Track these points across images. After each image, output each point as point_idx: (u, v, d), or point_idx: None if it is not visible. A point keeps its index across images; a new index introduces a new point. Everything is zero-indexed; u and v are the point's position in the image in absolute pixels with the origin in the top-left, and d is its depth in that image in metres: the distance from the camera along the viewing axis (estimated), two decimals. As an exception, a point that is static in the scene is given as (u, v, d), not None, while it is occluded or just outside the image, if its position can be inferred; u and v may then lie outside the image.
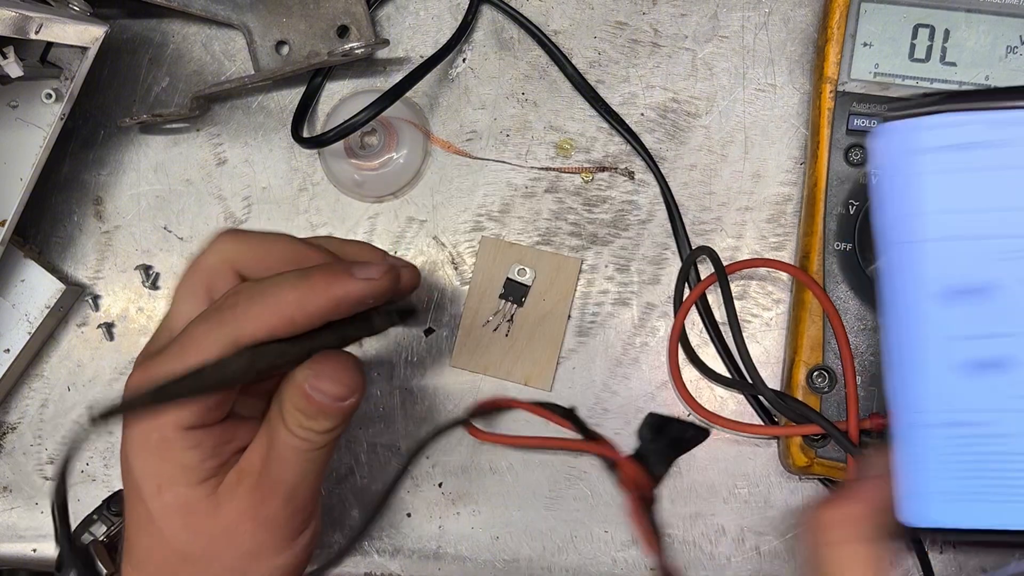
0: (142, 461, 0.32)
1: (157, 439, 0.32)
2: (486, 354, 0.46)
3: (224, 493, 0.33)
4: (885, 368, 0.26)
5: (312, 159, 0.48)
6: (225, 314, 0.31)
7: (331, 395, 0.32)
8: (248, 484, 0.33)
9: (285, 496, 0.33)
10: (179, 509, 0.32)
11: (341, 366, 0.33)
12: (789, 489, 0.45)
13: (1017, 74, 0.41)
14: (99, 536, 0.38)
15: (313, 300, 0.31)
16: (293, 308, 0.31)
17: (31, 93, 0.43)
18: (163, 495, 0.32)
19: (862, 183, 0.42)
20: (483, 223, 0.47)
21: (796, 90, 0.46)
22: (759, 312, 0.45)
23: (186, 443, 0.32)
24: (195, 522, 0.33)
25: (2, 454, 0.48)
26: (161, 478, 0.32)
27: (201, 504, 0.32)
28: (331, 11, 0.46)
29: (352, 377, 0.33)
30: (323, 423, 0.33)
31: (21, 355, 0.47)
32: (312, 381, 0.32)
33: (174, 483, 0.32)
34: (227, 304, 0.31)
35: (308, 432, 0.33)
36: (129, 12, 0.49)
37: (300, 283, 0.31)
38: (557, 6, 0.48)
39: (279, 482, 0.33)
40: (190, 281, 0.34)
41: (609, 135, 0.47)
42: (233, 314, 0.31)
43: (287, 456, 0.33)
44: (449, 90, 0.48)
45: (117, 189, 0.49)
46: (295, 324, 0.31)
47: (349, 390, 0.32)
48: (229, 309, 0.31)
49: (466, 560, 0.46)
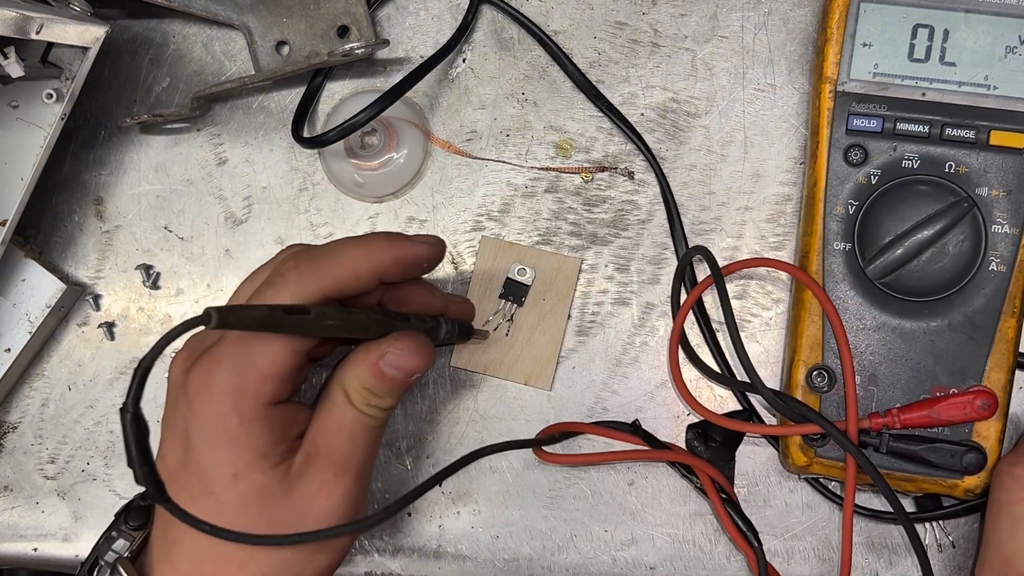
0: (216, 450, 0.32)
1: (236, 423, 0.32)
2: (486, 354, 0.46)
3: (296, 476, 0.33)
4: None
5: (312, 159, 0.48)
6: (289, 275, 0.32)
7: (407, 370, 0.34)
8: (318, 464, 0.34)
9: (356, 473, 0.35)
10: (255, 496, 0.33)
11: (419, 341, 0.35)
12: (788, 489, 0.45)
13: (1016, 74, 0.41)
14: (123, 553, 0.38)
15: (376, 255, 0.34)
16: (358, 262, 0.33)
17: (32, 93, 0.43)
18: (238, 484, 0.32)
19: (861, 183, 0.42)
20: (483, 223, 0.47)
21: (795, 90, 0.46)
22: (758, 312, 0.45)
23: (263, 424, 0.32)
24: (270, 508, 0.33)
25: (3, 453, 0.49)
26: (237, 466, 0.32)
27: (276, 489, 0.33)
28: (331, 11, 0.46)
29: (429, 351, 0.35)
30: (388, 400, 0.35)
31: (22, 354, 0.47)
32: (390, 356, 0.34)
33: (251, 470, 0.32)
34: (287, 267, 0.33)
35: (374, 409, 0.35)
36: (130, 12, 0.49)
37: (361, 242, 0.34)
38: (557, 6, 0.48)
39: (350, 460, 0.34)
40: (255, 282, 0.35)
41: (609, 135, 0.47)
42: (298, 273, 0.32)
43: (356, 433, 0.34)
44: (449, 90, 0.48)
45: (118, 189, 0.49)
46: (360, 278, 0.33)
47: (426, 363, 0.35)
48: (292, 271, 0.32)
49: (466, 559, 0.46)
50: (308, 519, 0.34)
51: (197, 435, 0.32)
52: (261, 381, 0.32)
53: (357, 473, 0.35)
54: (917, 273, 0.41)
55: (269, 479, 0.33)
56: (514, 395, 0.46)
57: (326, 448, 0.34)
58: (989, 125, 0.41)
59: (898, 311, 0.41)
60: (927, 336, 0.41)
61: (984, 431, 0.41)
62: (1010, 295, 0.41)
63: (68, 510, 0.48)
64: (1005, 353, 0.41)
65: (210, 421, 0.32)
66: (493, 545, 0.46)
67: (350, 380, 0.34)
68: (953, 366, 0.41)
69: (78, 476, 0.48)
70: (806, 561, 0.45)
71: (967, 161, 0.41)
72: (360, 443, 0.35)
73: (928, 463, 0.40)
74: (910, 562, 0.44)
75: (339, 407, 0.34)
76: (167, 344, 0.27)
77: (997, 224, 0.41)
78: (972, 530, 0.44)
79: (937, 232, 0.40)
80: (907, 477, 0.41)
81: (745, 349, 0.40)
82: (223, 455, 0.32)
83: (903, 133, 0.41)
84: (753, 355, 0.45)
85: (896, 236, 0.41)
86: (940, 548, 0.44)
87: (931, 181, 0.41)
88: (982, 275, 0.41)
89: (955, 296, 0.41)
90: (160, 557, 0.36)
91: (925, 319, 0.41)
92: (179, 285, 0.48)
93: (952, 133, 0.41)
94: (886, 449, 0.40)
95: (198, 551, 0.34)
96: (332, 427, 0.34)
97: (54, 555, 0.48)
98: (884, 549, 0.44)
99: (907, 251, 0.40)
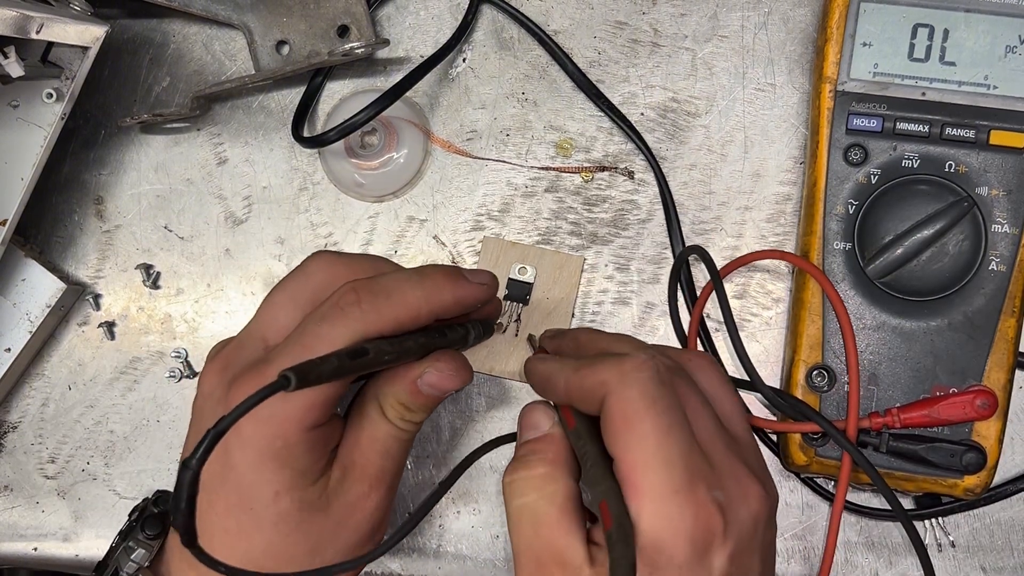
0: (259, 469, 0.33)
1: (281, 446, 0.32)
2: (491, 355, 0.46)
3: (333, 491, 0.34)
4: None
5: (312, 159, 0.48)
6: (349, 311, 0.32)
7: (445, 389, 0.35)
8: (354, 477, 0.35)
9: (388, 483, 0.36)
10: (296, 513, 0.33)
11: (458, 363, 0.36)
12: (788, 489, 0.45)
13: (1016, 74, 0.41)
14: (143, 563, 0.38)
15: (437, 297, 0.34)
16: (420, 304, 0.33)
17: (32, 93, 0.43)
18: (280, 501, 0.33)
19: (861, 183, 0.42)
20: (483, 223, 0.47)
21: (796, 90, 0.46)
22: (758, 311, 0.45)
23: (306, 445, 0.33)
24: (307, 523, 0.34)
25: (3, 453, 0.49)
26: (279, 484, 0.33)
27: (315, 504, 0.34)
28: (331, 11, 0.46)
29: (466, 372, 0.36)
30: (421, 414, 0.36)
31: (22, 354, 0.47)
32: (428, 376, 0.35)
33: (293, 488, 0.33)
34: (346, 302, 0.33)
35: (408, 423, 0.36)
36: (130, 12, 0.49)
37: (423, 281, 0.34)
38: (557, 6, 0.48)
39: (383, 472, 0.35)
40: (292, 293, 0.36)
41: (609, 135, 0.47)
42: (359, 310, 0.32)
43: (390, 447, 0.35)
44: (449, 90, 0.48)
45: (118, 189, 0.49)
46: (419, 319, 0.34)
47: (463, 383, 0.36)
48: (352, 306, 0.33)
49: (466, 559, 0.46)
50: (342, 532, 0.35)
51: (240, 454, 0.33)
52: (307, 409, 0.32)
53: (389, 483, 0.36)
54: (917, 273, 0.41)
55: (309, 496, 0.33)
56: (515, 393, 0.46)
57: (361, 461, 0.35)
58: (989, 125, 0.41)
59: (898, 311, 0.41)
60: (927, 336, 0.41)
61: (984, 431, 0.41)
62: (1010, 295, 0.41)
63: (68, 510, 0.48)
64: (1005, 353, 0.41)
65: (255, 442, 0.32)
66: (493, 545, 0.46)
67: (386, 396, 0.35)
68: (953, 366, 0.41)
69: (78, 476, 0.48)
70: (806, 561, 0.45)
71: (967, 161, 0.41)
72: (393, 456, 0.36)
73: (928, 463, 0.41)
74: (910, 562, 0.44)
75: (374, 421, 0.35)
76: (248, 410, 0.26)
77: (997, 224, 0.41)
78: (972, 530, 0.44)
79: (937, 232, 0.40)
80: (907, 476, 0.41)
81: (744, 348, 0.40)
82: (268, 474, 0.33)
83: (903, 133, 0.41)
84: (753, 355, 0.45)
85: (896, 236, 0.41)
86: (940, 548, 0.44)
87: (931, 181, 0.41)
88: (982, 275, 0.41)
89: (955, 296, 0.41)
90: (183, 567, 0.36)
91: (925, 319, 0.41)
92: (179, 285, 0.48)
93: (952, 133, 0.41)
94: (886, 449, 0.40)
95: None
96: (366, 441, 0.35)
97: (54, 555, 0.48)
98: (884, 549, 0.44)
99: (907, 251, 0.40)
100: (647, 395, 0.30)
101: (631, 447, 0.30)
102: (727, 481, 0.31)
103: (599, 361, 0.32)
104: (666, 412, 0.30)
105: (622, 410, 0.30)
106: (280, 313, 0.35)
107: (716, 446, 0.32)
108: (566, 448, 0.34)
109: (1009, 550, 0.44)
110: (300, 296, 0.35)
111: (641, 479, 0.29)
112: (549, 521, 0.32)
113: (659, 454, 0.29)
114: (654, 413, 0.30)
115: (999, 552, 0.44)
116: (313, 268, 0.36)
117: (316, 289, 0.35)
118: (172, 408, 0.48)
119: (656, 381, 0.31)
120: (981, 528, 0.44)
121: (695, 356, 0.37)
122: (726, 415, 0.35)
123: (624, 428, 0.30)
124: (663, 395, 0.31)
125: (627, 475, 0.30)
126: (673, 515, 0.29)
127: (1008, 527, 0.44)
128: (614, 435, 0.30)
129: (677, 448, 0.30)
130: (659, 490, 0.29)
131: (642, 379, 0.31)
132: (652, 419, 0.30)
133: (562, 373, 0.34)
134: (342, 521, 0.34)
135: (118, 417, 0.48)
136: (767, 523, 0.32)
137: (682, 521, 0.29)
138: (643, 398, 0.30)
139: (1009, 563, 0.44)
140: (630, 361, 0.31)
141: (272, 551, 0.34)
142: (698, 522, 0.29)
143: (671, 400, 0.31)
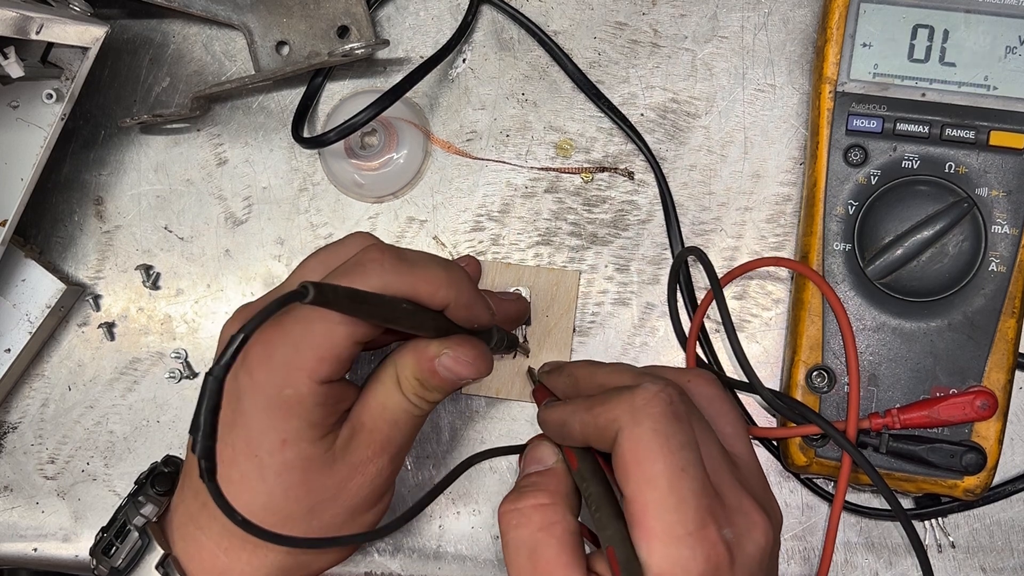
0: (267, 416, 0.33)
1: (291, 394, 0.33)
2: (495, 377, 0.46)
3: (339, 449, 0.34)
4: None
5: (312, 159, 0.48)
6: (371, 267, 0.33)
7: (461, 375, 0.35)
8: (360, 439, 0.35)
9: (392, 454, 0.36)
10: (300, 465, 0.33)
11: (479, 352, 0.35)
12: (788, 489, 0.45)
13: (1016, 74, 0.41)
14: (151, 517, 0.38)
15: (458, 284, 0.34)
16: (440, 282, 0.34)
17: (32, 93, 0.43)
18: (285, 451, 0.33)
19: (861, 183, 0.42)
20: (483, 223, 0.47)
21: (795, 90, 0.46)
22: (758, 312, 0.45)
23: (316, 399, 0.33)
24: (311, 478, 0.34)
25: (3, 453, 0.49)
26: (287, 433, 0.33)
27: (320, 459, 0.34)
28: (331, 11, 0.46)
29: (485, 364, 0.36)
30: (435, 395, 0.36)
31: (22, 355, 0.47)
32: (446, 359, 0.34)
33: (299, 439, 0.33)
34: (368, 258, 0.33)
35: (420, 400, 0.36)
36: (130, 12, 0.49)
37: (449, 266, 0.35)
38: (557, 6, 0.48)
39: (389, 441, 0.35)
40: (323, 258, 0.36)
41: (609, 135, 0.47)
42: (381, 268, 0.33)
43: (400, 418, 0.35)
44: (449, 90, 0.48)
45: (118, 189, 0.49)
46: (435, 297, 0.34)
47: (480, 374, 0.35)
48: (374, 263, 0.33)
49: (466, 559, 0.46)
50: (343, 493, 0.35)
51: (251, 399, 0.33)
52: (318, 361, 0.32)
53: (393, 455, 0.36)
54: (917, 273, 0.41)
55: (316, 449, 0.34)
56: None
57: (370, 424, 0.35)
58: (989, 125, 0.41)
59: (898, 311, 0.41)
60: (927, 336, 0.41)
61: (984, 431, 0.41)
62: (1010, 295, 0.41)
63: (68, 510, 0.48)
64: (1005, 353, 0.41)
65: (266, 388, 0.33)
66: (493, 545, 0.46)
67: (403, 367, 0.35)
68: (953, 366, 0.41)
69: (78, 476, 0.48)
70: (806, 561, 0.45)
71: (967, 161, 0.41)
72: (401, 428, 0.36)
73: (928, 463, 0.41)
74: (910, 562, 0.44)
75: (387, 389, 0.35)
76: (269, 317, 0.26)
77: (997, 224, 0.41)
78: (972, 530, 0.44)
79: (937, 232, 0.40)
80: (907, 477, 0.41)
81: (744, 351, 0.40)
82: (276, 421, 0.33)
83: (903, 133, 0.41)
84: (753, 355, 0.45)
85: (896, 236, 0.41)
86: (940, 548, 0.44)
87: (931, 181, 0.41)
88: (982, 275, 0.41)
89: (955, 296, 0.41)
90: (185, 520, 0.37)
91: (925, 319, 0.41)
92: (179, 285, 0.48)
93: (952, 133, 0.41)
94: (886, 449, 0.40)
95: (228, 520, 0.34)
96: (377, 406, 0.35)
97: (54, 555, 0.48)
98: (884, 549, 0.44)
99: (907, 251, 0.40)
100: (659, 432, 0.30)
101: (643, 488, 0.29)
102: (735, 516, 0.31)
103: (610, 398, 0.32)
104: (679, 451, 0.30)
105: (633, 449, 0.30)
106: (309, 275, 0.36)
107: (724, 477, 0.31)
108: (568, 483, 0.35)
109: (1009, 550, 0.44)
110: (332, 262, 0.36)
111: (653, 521, 0.29)
112: (548, 555, 0.31)
113: (672, 496, 0.29)
114: (667, 451, 0.30)
115: (999, 552, 0.44)
116: (349, 241, 0.37)
117: (348, 258, 0.35)
118: (172, 409, 0.48)
119: (669, 416, 0.30)
120: (981, 528, 0.44)
121: (693, 376, 0.37)
122: (728, 435, 0.35)
123: (635, 468, 0.30)
124: (676, 431, 0.30)
125: (638, 517, 0.29)
126: (685, 557, 0.29)
127: (1008, 527, 0.44)
128: (625, 474, 0.30)
129: (690, 488, 0.29)
130: (671, 533, 0.29)
131: (654, 415, 0.30)
132: (665, 458, 0.29)
133: (575, 416, 0.34)
134: (343, 483, 0.35)
135: (118, 418, 0.48)
136: (772, 552, 0.32)
137: (693, 562, 0.29)
138: (656, 436, 0.30)
139: (1009, 563, 0.44)
140: (641, 395, 0.31)
141: (272, 506, 0.34)
142: (708, 563, 0.29)
143: (685, 437, 0.30)
